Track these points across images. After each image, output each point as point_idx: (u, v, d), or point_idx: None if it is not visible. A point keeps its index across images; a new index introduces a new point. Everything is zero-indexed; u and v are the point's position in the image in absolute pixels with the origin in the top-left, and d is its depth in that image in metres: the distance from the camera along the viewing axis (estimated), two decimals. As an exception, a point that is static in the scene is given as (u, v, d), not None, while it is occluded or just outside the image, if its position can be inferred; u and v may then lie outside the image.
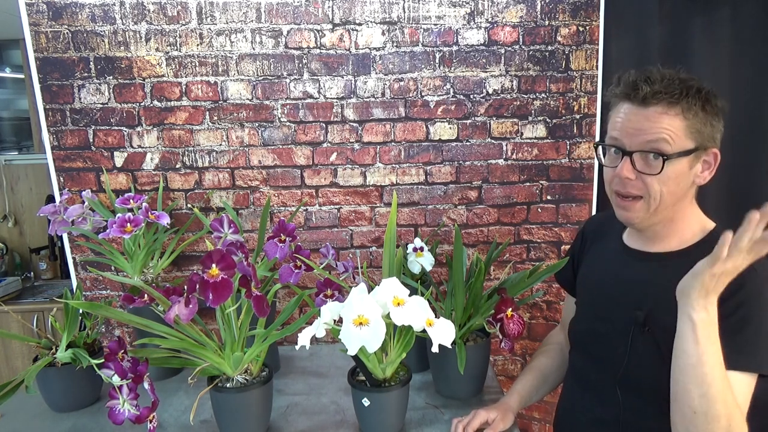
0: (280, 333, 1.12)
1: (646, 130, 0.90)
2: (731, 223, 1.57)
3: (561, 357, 1.25)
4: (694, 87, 0.90)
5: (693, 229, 0.99)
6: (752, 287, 0.88)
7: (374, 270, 1.76)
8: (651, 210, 0.94)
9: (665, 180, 0.91)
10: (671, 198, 0.93)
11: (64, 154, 1.66)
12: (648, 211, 0.95)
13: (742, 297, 0.88)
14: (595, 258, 1.17)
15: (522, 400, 1.18)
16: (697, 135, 0.91)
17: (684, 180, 0.93)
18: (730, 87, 1.59)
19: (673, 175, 0.91)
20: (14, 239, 3.18)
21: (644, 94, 0.90)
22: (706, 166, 0.94)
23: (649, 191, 0.92)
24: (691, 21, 1.57)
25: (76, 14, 1.58)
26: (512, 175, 1.73)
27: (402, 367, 1.15)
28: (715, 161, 0.94)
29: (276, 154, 1.69)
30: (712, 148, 0.93)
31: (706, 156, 0.93)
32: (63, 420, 1.23)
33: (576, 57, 1.67)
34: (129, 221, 1.30)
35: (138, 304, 1.17)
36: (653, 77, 0.91)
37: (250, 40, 1.63)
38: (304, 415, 1.24)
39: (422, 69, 1.66)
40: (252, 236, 1.73)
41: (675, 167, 0.91)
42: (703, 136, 0.91)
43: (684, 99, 0.89)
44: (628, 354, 0.99)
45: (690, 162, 0.92)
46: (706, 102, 0.91)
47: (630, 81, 0.93)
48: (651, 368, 0.96)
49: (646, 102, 0.90)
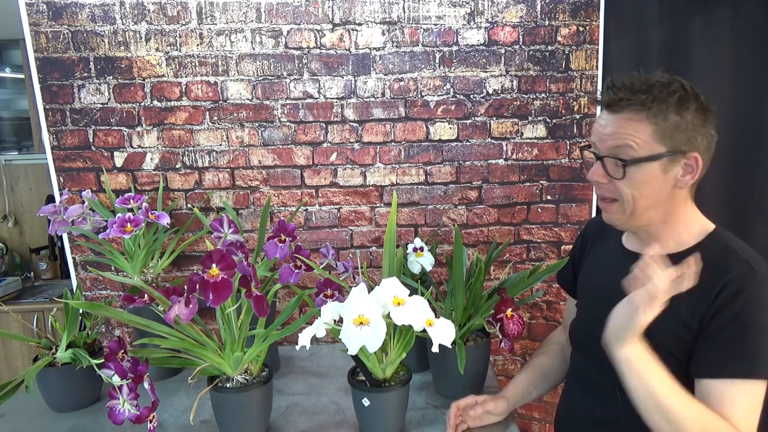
0: (280, 333, 1.12)
1: (612, 135, 0.93)
2: (731, 223, 1.57)
3: (561, 357, 1.25)
4: (666, 91, 0.90)
5: (692, 230, 0.99)
6: (751, 291, 0.87)
7: (374, 270, 1.76)
8: (627, 213, 0.96)
9: (634, 184, 0.92)
10: (646, 201, 0.94)
11: (64, 154, 1.66)
12: (624, 214, 0.96)
13: (741, 302, 0.87)
14: (595, 260, 1.17)
15: (518, 393, 1.18)
16: (668, 140, 0.90)
17: (657, 184, 0.93)
18: (730, 87, 1.59)
19: (642, 179, 0.92)
20: (14, 239, 3.18)
21: (609, 101, 0.93)
22: (689, 169, 0.93)
23: (621, 195, 0.94)
24: (691, 21, 1.57)
25: (76, 14, 1.58)
26: (512, 175, 1.73)
27: (402, 367, 1.15)
28: (697, 165, 0.93)
29: (276, 154, 1.69)
30: (691, 152, 0.92)
31: (687, 160, 0.92)
32: (63, 420, 1.23)
33: (576, 57, 1.67)
34: (129, 221, 1.30)
35: (138, 304, 1.17)
36: (621, 83, 0.92)
37: (250, 40, 1.63)
38: (304, 415, 1.24)
39: (422, 69, 1.66)
40: (252, 236, 1.73)
41: (643, 172, 0.92)
42: (676, 141, 0.91)
43: (652, 104, 0.89)
44: None
45: (662, 166, 0.92)
46: (680, 106, 0.90)
47: (604, 87, 0.96)
48: None
49: (613, 108, 0.93)
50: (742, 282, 0.87)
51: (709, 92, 1.43)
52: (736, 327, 0.87)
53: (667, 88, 0.91)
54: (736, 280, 0.88)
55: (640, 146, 0.91)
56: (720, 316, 0.88)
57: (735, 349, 0.87)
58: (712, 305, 0.89)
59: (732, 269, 0.89)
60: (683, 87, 0.92)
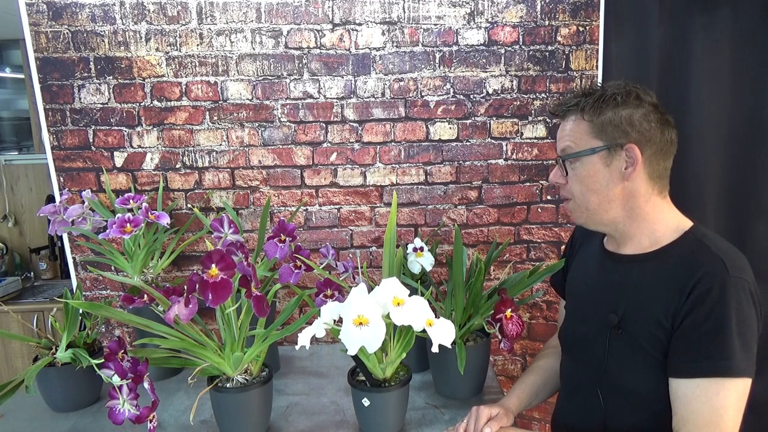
0: (280, 333, 1.12)
1: (560, 138, 1.03)
2: (731, 222, 1.57)
3: (558, 361, 1.25)
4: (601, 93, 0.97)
5: (666, 228, 0.99)
6: (722, 289, 0.87)
7: (374, 270, 1.76)
8: (582, 209, 1.02)
9: (580, 179, 1.00)
10: (596, 196, 0.99)
11: (64, 154, 1.66)
12: (580, 211, 1.03)
13: (712, 301, 0.87)
14: (580, 262, 1.19)
15: (520, 402, 1.17)
16: (603, 134, 0.97)
17: (602, 177, 0.98)
18: (730, 87, 1.59)
19: (585, 173, 0.99)
20: (14, 239, 3.18)
21: (555, 110, 1.05)
22: (630, 161, 0.96)
23: (573, 192, 1.02)
24: (691, 21, 1.57)
25: (76, 14, 1.58)
26: (512, 175, 1.73)
27: (402, 367, 1.15)
28: (636, 156, 0.96)
29: (276, 154, 1.69)
30: (628, 143, 0.96)
31: (626, 152, 0.96)
32: (63, 420, 1.23)
33: (576, 57, 1.67)
34: (129, 221, 1.29)
35: (138, 304, 1.17)
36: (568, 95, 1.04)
37: (250, 40, 1.63)
38: (304, 415, 1.24)
39: (422, 69, 1.66)
40: (252, 236, 1.73)
41: (585, 166, 0.99)
42: (611, 134, 0.96)
43: (585, 104, 0.98)
44: (606, 356, 1.00)
45: (602, 159, 0.97)
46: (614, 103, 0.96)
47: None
48: (629, 370, 0.96)
49: (560, 116, 1.04)
50: (713, 280, 0.87)
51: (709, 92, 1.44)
52: (707, 327, 0.87)
53: (604, 91, 0.98)
54: (707, 278, 0.88)
55: (577, 143, 0.99)
56: (691, 316, 0.88)
57: (703, 349, 0.87)
58: (684, 304, 0.89)
59: (703, 266, 0.90)
60: (625, 89, 0.97)
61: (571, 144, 0.99)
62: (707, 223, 1.55)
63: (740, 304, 0.86)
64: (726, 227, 1.59)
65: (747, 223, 1.61)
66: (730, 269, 0.88)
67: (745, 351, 0.86)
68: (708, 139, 1.58)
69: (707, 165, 1.59)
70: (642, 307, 0.95)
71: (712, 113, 1.58)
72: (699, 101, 1.58)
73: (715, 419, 0.85)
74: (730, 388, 0.85)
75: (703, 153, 1.58)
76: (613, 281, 1.03)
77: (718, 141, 1.59)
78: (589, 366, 1.04)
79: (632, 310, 0.97)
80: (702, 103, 1.58)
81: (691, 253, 0.93)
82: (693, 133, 1.54)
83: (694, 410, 0.86)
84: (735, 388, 0.86)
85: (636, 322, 0.95)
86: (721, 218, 1.62)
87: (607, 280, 1.05)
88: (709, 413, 0.85)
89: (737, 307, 0.86)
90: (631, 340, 0.96)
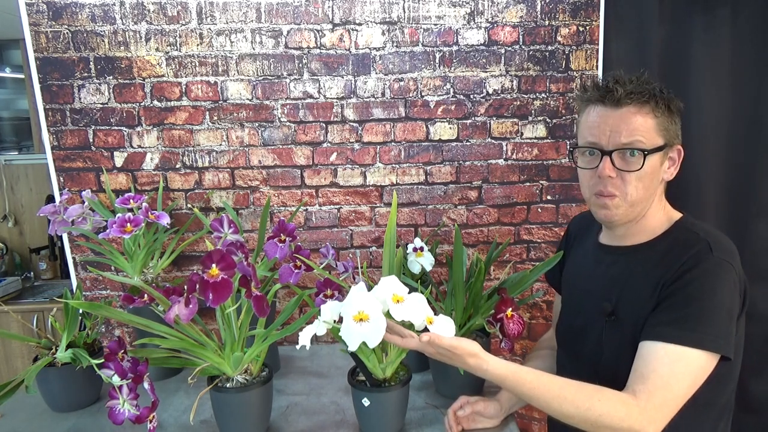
0: (280, 333, 1.12)
1: (622, 129, 0.95)
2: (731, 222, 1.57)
3: (552, 359, 1.25)
4: (658, 88, 0.97)
5: (659, 220, 1.02)
6: (704, 267, 0.90)
7: (374, 270, 1.76)
8: (628, 206, 0.99)
9: (642, 176, 0.96)
10: (645, 193, 0.98)
11: (64, 154, 1.66)
12: (626, 207, 0.99)
13: (692, 276, 0.90)
14: (575, 257, 1.21)
15: (512, 396, 1.17)
16: (665, 132, 0.97)
17: (657, 176, 0.98)
18: (730, 87, 1.59)
19: (649, 170, 0.96)
20: (14, 239, 3.18)
21: (618, 96, 0.94)
22: (671, 162, 1.00)
23: (626, 188, 0.97)
24: (691, 21, 1.57)
25: (76, 14, 1.58)
26: (512, 175, 1.73)
27: (402, 367, 1.15)
28: (679, 157, 0.99)
29: (276, 154, 1.69)
30: (677, 144, 0.99)
31: (672, 153, 0.99)
32: (63, 420, 1.23)
33: (576, 57, 1.67)
34: (129, 221, 1.29)
35: (138, 304, 1.17)
36: (623, 80, 0.97)
37: (250, 40, 1.63)
38: (304, 415, 1.24)
39: (422, 69, 1.66)
40: (252, 236, 1.73)
41: (651, 163, 0.96)
42: (670, 134, 0.97)
43: (652, 98, 0.95)
44: (602, 346, 1.02)
45: (660, 158, 0.98)
46: (670, 101, 0.97)
47: (602, 85, 0.98)
48: (624, 358, 0.97)
49: (619, 103, 0.95)
50: (698, 258, 0.91)
51: (709, 92, 1.44)
52: (681, 296, 0.90)
53: (657, 85, 0.97)
54: (692, 258, 0.91)
55: (648, 138, 0.95)
56: (671, 287, 0.91)
57: (673, 315, 0.89)
58: (668, 280, 0.93)
59: (691, 249, 0.93)
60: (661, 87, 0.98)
61: (642, 139, 0.95)
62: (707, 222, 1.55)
63: (719, 282, 0.89)
64: (726, 227, 1.59)
65: (747, 223, 1.61)
66: (715, 251, 0.92)
67: (715, 327, 0.88)
68: (708, 138, 1.59)
69: (707, 165, 1.59)
70: (634, 294, 0.97)
71: (712, 113, 1.59)
72: (699, 101, 1.58)
73: (671, 383, 0.87)
74: (693, 358, 0.87)
75: (703, 153, 1.58)
76: (608, 272, 1.05)
77: (718, 141, 1.59)
78: (586, 357, 1.06)
79: (625, 298, 0.99)
80: (702, 103, 1.58)
81: (679, 239, 0.97)
82: (693, 133, 1.54)
83: (654, 370, 0.88)
84: (698, 360, 0.88)
85: (628, 309, 0.98)
86: (721, 218, 1.62)
87: (602, 272, 1.07)
88: (668, 376, 0.87)
89: (715, 283, 0.89)
90: (625, 327, 0.98)
